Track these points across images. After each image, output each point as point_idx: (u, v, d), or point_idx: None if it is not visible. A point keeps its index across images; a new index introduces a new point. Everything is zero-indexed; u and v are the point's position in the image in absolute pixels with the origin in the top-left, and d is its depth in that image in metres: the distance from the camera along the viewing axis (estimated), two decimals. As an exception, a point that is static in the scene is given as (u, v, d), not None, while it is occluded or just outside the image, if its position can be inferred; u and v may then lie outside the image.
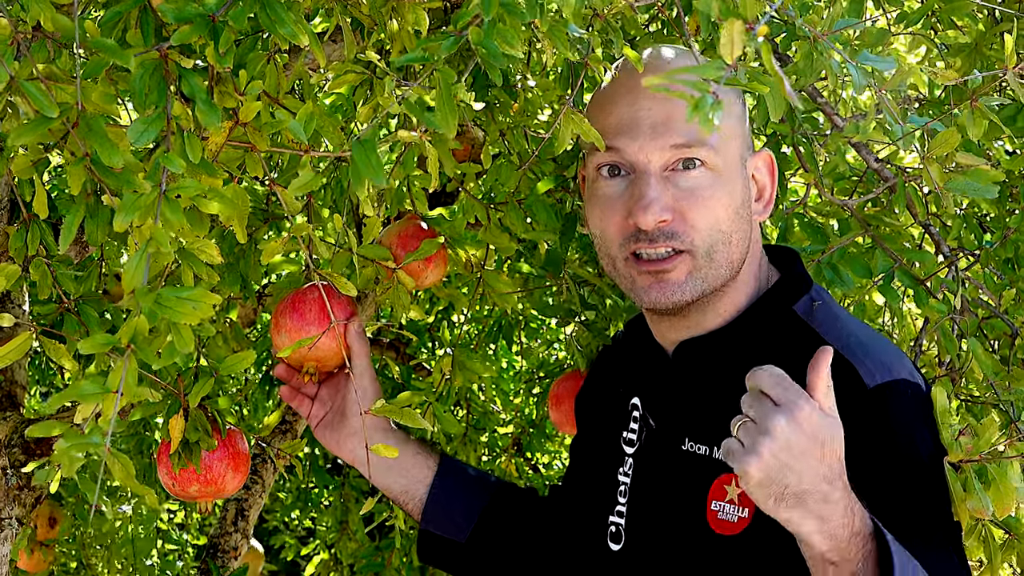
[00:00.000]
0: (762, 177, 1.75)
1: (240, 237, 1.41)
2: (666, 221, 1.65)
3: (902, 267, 2.09)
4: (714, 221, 1.66)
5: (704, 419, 1.70)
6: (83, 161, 1.19)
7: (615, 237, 1.70)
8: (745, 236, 1.70)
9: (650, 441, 1.78)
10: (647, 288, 1.69)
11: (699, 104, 0.88)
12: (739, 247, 1.69)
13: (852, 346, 1.64)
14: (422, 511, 1.98)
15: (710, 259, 1.67)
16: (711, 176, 1.66)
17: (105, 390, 1.08)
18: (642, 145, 1.66)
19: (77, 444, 1.06)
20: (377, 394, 1.94)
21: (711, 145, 1.65)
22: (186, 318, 1.12)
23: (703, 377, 1.73)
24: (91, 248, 2.38)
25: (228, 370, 1.42)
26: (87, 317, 1.86)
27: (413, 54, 1.27)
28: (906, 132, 1.58)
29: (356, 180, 1.28)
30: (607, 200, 1.71)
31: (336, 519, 3.29)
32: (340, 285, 1.62)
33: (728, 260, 1.68)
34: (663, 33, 2.50)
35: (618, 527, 1.80)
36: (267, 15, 1.34)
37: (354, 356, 1.90)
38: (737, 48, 0.88)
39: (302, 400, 1.99)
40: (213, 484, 1.93)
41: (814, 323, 1.69)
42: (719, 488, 1.65)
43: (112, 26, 1.31)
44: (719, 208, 1.66)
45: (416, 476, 1.99)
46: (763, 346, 1.68)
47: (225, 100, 1.41)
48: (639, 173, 1.67)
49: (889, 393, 1.60)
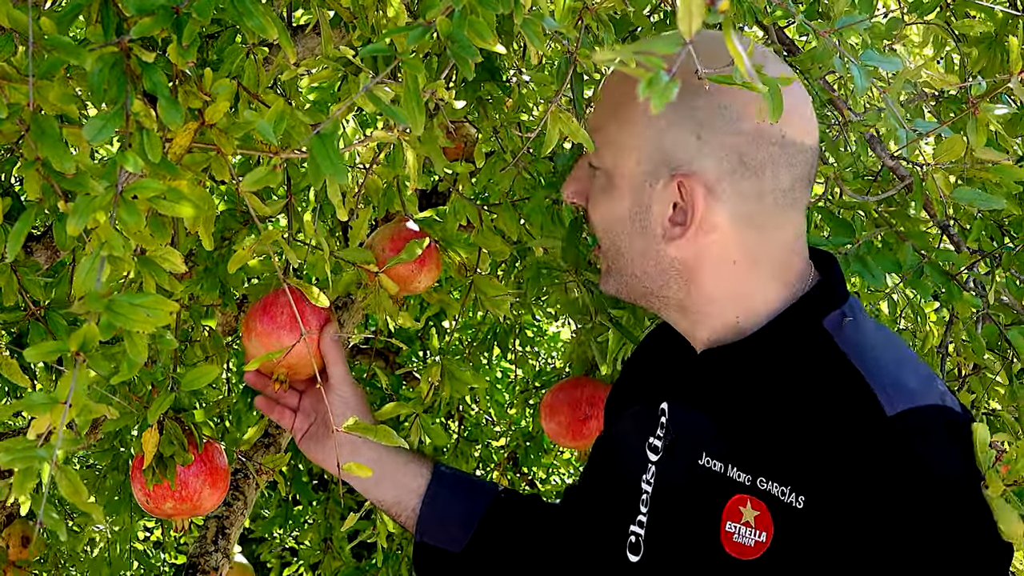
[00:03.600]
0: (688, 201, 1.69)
1: (206, 243, 1.42)
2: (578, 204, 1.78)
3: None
4: (602, 223, 1.74)
5: (721, 435, 1.70)
6: (35, 164, 1.20)
7: None
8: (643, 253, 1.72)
9: (671, 451, 1.79)
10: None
11: (652, 81, 0.87)
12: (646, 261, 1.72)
13: (873, 369, 1.62)
14: (416, 522, 1.99)
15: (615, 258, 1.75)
16: (603, 181, 1.73)
17: (53, 401, 1.09)
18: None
19: (21, 458, 1.07)
20: (360, 402, 1.95)
21: (596, 145, 1.71)
22: (140, 326, 1.12)
23: (724, 389, 1.74)
24: (62, 253, 2.40)
25: (190, 385, 1.42)
26: (55, 325, 1.87)
27: (377, 45, 1.27)
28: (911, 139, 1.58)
29: (315, 176, 1.29)
30: None
31: (320, 536, 3.29)
32: (310, 295, 1.63)
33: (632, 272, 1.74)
34: (665, 23, 2.52)
35: (638, 538, 1.79)
36: (234, 7, 1.34)
37: (329, 364, 1.90)
38: (696, 22, 0.87)
39: (282, 412, 1.99)
40: (189, 501, 1.94)
41: (840, 340, 1.67)
42: (734, 509, 1.65)
43: (71, 20, 1.32)
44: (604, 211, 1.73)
45: (408, 486, 2.00)
46: (786, 360, 1.69)
47: (191, 100, 1.42)
48: None
49: (913, 421, 1.57)
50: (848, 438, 1.56)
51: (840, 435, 1.57)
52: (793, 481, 1.58)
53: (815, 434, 1.59)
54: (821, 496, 1.55)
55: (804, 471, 1.57)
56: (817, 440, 1.58)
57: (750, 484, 1.62)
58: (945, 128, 1.71)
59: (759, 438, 1.64)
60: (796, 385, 1.63)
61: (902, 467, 1.54)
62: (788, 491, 1.58)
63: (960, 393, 2.26)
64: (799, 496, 1.56)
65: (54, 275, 2.10)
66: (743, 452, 1.64)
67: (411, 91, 1.28)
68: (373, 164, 1.85)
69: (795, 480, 1.58)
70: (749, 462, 1.63)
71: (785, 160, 1.67)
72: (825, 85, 2.19)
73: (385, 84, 1.37)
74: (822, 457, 1.57)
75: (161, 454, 1.87)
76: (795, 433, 1.61)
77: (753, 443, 1.64)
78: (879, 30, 2.00)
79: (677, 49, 0.88)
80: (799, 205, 1.72)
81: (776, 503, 1.58)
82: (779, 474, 1.59)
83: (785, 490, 1.58)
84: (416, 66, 1.26)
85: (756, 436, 1.64)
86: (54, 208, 1.31)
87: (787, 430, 1.62)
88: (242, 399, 3.07)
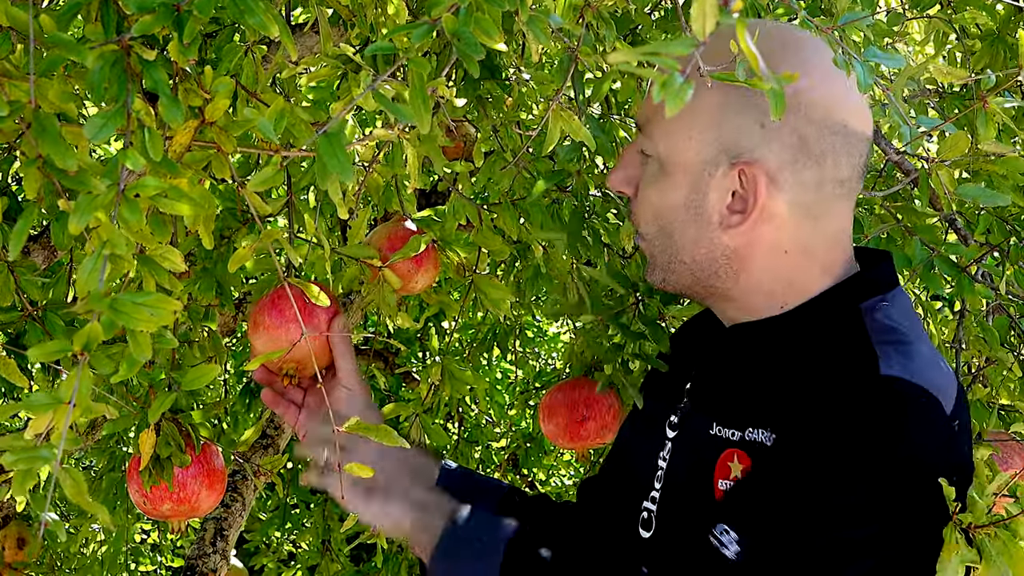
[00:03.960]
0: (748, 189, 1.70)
1: (206, 242, 1.41)
2: (624, 192, 1.76)
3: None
4: (653, 215, 1.73)
5: (735, 404, 1.71)
6: (36, 163, 1.20)
7: None
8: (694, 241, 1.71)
9: (685, 425, 1.80)
10: None
11: (667, 83, 0.87)
12: (696, 248, 1.71)
13: (887, 342, 1.61)
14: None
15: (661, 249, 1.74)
16: (656, 169, 1.72)
17: (57, 401, 1.09)
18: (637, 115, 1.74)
19: (24, 458, 1.07)
20: (366, 398, 1.94)
21: (649, 134, 1.70)
22: (143, 325, 1.12)
23: (745, 363, 1.75)
24: (59, 253, 2.40)
25: (189, 385, 1.42)
26: (52, 325, 1.87)
27: (381, 44, 1.27)
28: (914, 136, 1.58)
29: (322, 175, 1.29)
30: None
31: (318, 539, 3.29)
32: (311, 294, 1.62)
33: (677, 259, 1.73)
34: (666, 20, 2.52)
35: (650, 514, 1.80)
36: (235, 4, 1.34)
37: (338, 357, 1.90)
38: (709, 23, 0.87)
39: (288, 407, 1.98)
40: (186, 502, 1.93)
41: (867, 318, 1.67)
42: (723, 466, 1.65)
43: (70, 18, 1.32)
44: (656, 200, 1.72)
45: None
46: (810, 335, 1.69)
47: (191, 98, 1.42)
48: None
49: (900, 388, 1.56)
50: (834, 384, 1.57)
51: (828, 382, 1.58)
52: (773, 423, 1.60)
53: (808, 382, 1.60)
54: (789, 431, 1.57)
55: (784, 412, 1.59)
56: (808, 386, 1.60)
57: (738, 439, 1.64)
58: (949, 124, 1.71)
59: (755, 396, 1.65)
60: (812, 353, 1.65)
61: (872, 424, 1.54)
62: (768, 433, 1.60)
63: (974, 387, 2.26)
64: (772, 434, 1.59)
65: (52, 275, 2.09)
66: (738, 412, 1.66)
67: (417, 89, 1.28)
68: (373, 163, 1.85)
69: (774, 422, 1.60)
70: (741, 419, 1.65)
71: (845, 150, 1.68)
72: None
73: (386, 82, 1.37)
74: (805, 399, 1.58)
75: (158, 455, 1.86)
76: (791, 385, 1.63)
77: (750, 402, 1.66)
78: (881, 27, 2.00)
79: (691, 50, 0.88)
80: (852, 196, 1.73)
81: (760, 450, 1.60)
82: (763, 420, 1.62)
83: (766, 431, 1.61)
84: (422, 64, 1.25)
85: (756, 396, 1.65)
86: (53, 207, 1.30)
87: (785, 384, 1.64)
88: (240, 400, 3.07)
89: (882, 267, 1.78)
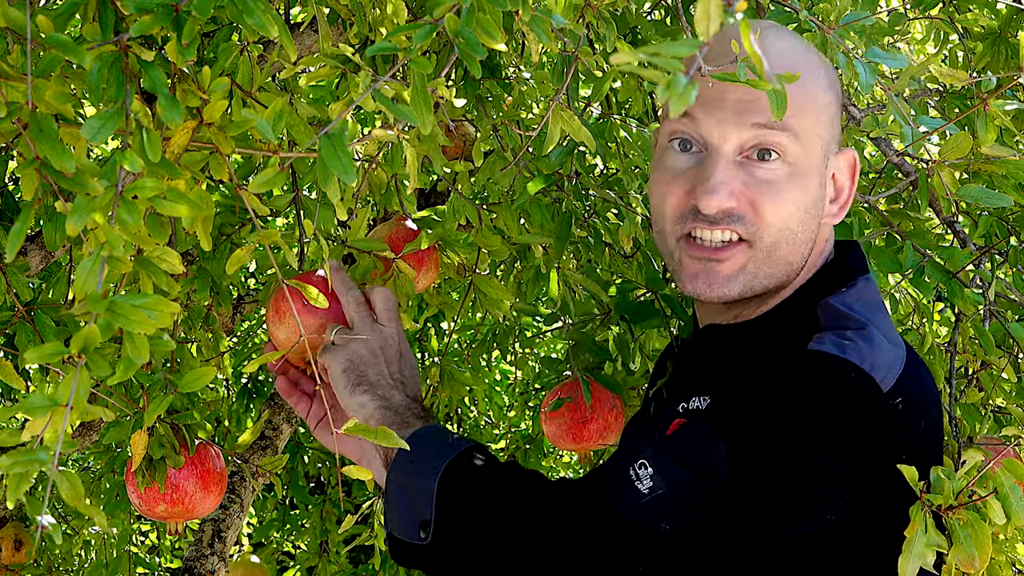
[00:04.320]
0: (843, 178, 1.74)
1: (204, 243, 1.41)
2: (731, 207, 1.64)
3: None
4: (784, 218, 1.65)
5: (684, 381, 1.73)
6: (34, 164, 1.20)
7: (672, 214, 1.70)
8: (810, 238, 1.69)
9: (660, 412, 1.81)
10: (693, 276, 1.69)
11: (670, 84, 0.87)
12: (802, 248, 1.69)
13: (833, 325, 1.63)
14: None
15: (770, 256, 1.66)
16: (787, 169, 1.65)
17: (54, 403, 1.09)
18: (722, 119, 1.63)
19: (22, 461, 1.07)
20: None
21: (794, 132, 1.63)
22: (141, 327, 1.12)
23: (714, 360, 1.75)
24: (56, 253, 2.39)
25: (187, 387, 1.42)
26: (42, 326, 1.86)
27: (384, 44, 1.27)
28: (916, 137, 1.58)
29: (323, 177, 1.29)
30: (672, 173, 1.69)
31: (316, 540, 3.29)
32: (310, 297, 1.62)
33: (788, 260, 1.68)
34: (666, 23, 2.53)
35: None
36: (234, 4, 1.34)
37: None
38: (714, 24, 0.87)
39: (301, 397, 1.97)
40: (181, 504, 1.93)
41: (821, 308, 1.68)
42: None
43: (67, 18, 1.31)
44: (791, 204, 1.65)
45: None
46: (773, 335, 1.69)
47: (189, 98, 1.41)
48: (711, 151, 1.65)
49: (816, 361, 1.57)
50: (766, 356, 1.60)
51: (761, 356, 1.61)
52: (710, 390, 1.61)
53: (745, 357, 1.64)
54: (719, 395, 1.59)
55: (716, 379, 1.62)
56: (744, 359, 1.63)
57: (684, 410, 1.63)
58: (950, 125, 1.71)
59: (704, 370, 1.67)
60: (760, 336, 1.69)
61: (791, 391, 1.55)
62: (701, 400, 1.61)
63: (969, 390, 2.26)
64: (705, 400, 1.60)
65: (49, 276, 2.09)
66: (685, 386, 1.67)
67: (419, 90, 1.28)
68: (374, 163, 1.84)
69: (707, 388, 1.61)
70: (686, 391, 1.65)
71: None
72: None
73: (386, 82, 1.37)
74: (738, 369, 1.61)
75: (151, 456, 1.86)
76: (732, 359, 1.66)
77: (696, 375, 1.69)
78: (882, 25, 2.01)
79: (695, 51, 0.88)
80: None
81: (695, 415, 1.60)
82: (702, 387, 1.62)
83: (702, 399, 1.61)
84: (424, 65, 1.25)
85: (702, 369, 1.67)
86: (49, 208, 1.30)
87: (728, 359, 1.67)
88: (239, 401, 3.07)
89: (847, 257, 1.78)
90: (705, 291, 1.68)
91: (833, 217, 1.74)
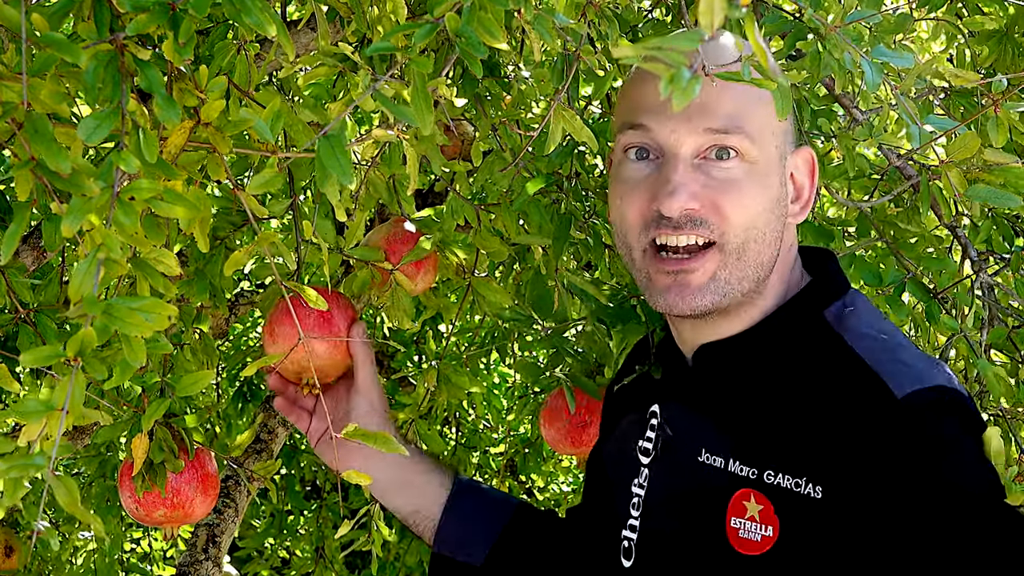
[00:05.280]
0: (801, 177, 1.74)
1: (202, 245, 1.41)
2: (693, 209, 1.63)
3: (914, 279, 2.09)
4: (750, 217, 1.64)
5: (722, 430, 1.70)
6: (29, 164, 1.19)
7: (635, 224, 1.68)
8: (777, 238, 1.68)
9: (666, 452, 1.78)
10: (664, 290, 1.67)
11: (674, 78, 0.87)
12: (770, 249, 1.67)
13: (879, 355, 1.61)
14: (435, 533, 1.99)
15: (740, 258, 1.65)
16: (746, 168, 1.64)
17: (50, 408, 1.09)
18: (674, 127, 1.63)
19: (18, 466, 1.06)
20: (384, 407, 1.94)
21: (748, 134, 1.62)
22: (138, 330, 1.12)
23: (723, 385, 1.73)
24: (49, 254, 2.39)
25: (184, 391, 1.42)
26: (44, 328, 1.86)
27: (383, 43, 1.27)
28: (924, 138, 1.58)
29: (322, 178, 1.29)
30: (630, 183, 1.68)
31: (312, 546, 3.28)
32: (309, 298, 1.62)
33: (758, 262, 1.66)
34: (665, 23, 2.52)
35: (630, 543, 1.79)
36: (232, 3, 1.34)
37: (358, 366, 1.90)
38: (717, 17, 0.87)
39: (300, 414, 1.98)
40: (180, 508, 1.94)
41: (841, 330, 1.67)
42: (738, 504, 1.64)
43: (62, 16, 1.31)
44: (753, 204, 1.64)
45: (429, 497, 2.00)
46: (786, 352, 1.68)
47: (185, 98, 1.41)
48: (667, 157, 1.64)
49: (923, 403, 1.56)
50: (861, 423, 1.56)
51: (853, 421, 1.56)
52: (808, 472, 1.57)
53: (826, 422, 1.58)
54: (840, 484, 1.55)
55: (818, 460, 1.57)
56: (829, 428, 1.58)
57: (755, 478, 1.61)
58: (958, 126, 1.70)
59: (764, 431, 1.63)
60: (800, 375, 1.64)
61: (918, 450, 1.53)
62: (803, 482, 1.57)
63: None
64: (816, 486, 1.56)
65: (41, 277, 2.08)
66: (746, 446, 1.64)
67: (419, 90, 1.28)
68: (373, 163, 1.84)
69: (810, 470, 1.57)
70: (753, 456, 1.63)
71: None
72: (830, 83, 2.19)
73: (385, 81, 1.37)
74: (837, 444, 1.56)
75: (151, 461, 1.86)
76: (804, 423, 1.60)
77: (757, 436, 1.64)
78: (887, 25, 2.00)
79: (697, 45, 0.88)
80: None
81: (785, 495, 1.58)
82: (790, 466, 1.59)
83: (800, 481, 1.58)
84: (424, 64, 1.25)
85: (760, 429, 1.63)
86: (45, 208, 1.30)
87: (795, 420, 1.61)
88: (232, 404, 3.06)
89: (830, 268, 1.78)
90: (678, 304, 1.66)
91: (795, 217, 1.73)
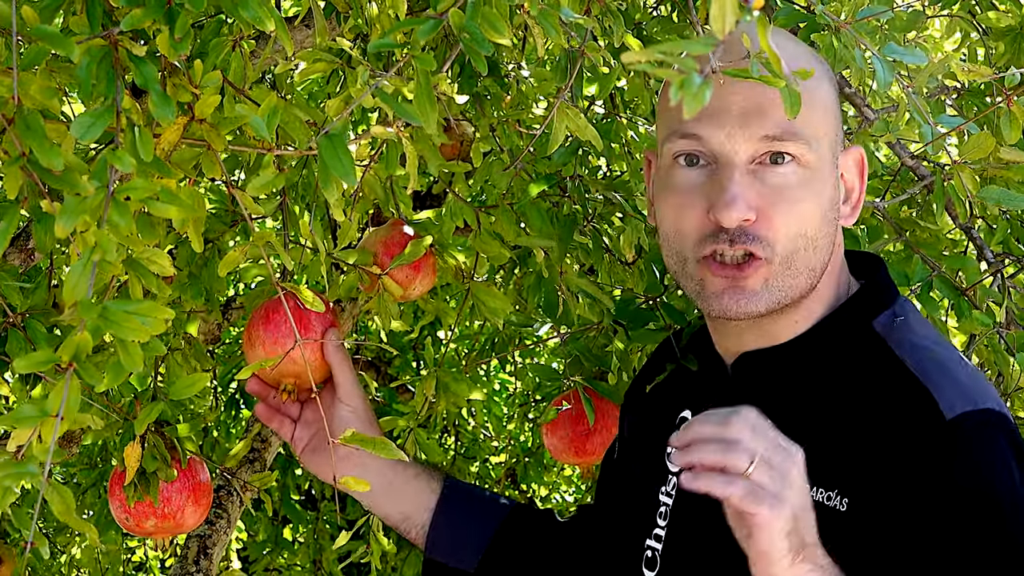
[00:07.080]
0: (851, 177, 1.72)
1: (195, 245, 1.41)
2: (749, 220, 1.61)
3: (941, 275, 2.09)
4: (800, 225, 1.62)
5: None
6: (19, 161, 1.19)
7: (692, 234, 1.65)
8: (829, 242, 1.67)
9: None
10: (719, 294, 1.64)
11: (684, 83, 0.87)
12: (822, 254, 1.66)
13: (930, 370, 1.60)
14: (426, 539, 1.98)
15: (788, 267, 1.63)
16: (801, 174, 1.62)
17: (44, 414, 1.08)
18: (730, 133, 1.61)
19: (11, 474, 1.06)
20: (368, 413, 1.93)
21: (806, 139, 1.61)
22: (135, 334, 1.11)
23: (763, 394, 1.71)
24: (38, 256, 2.38)
25: (178, 395, 1.41)
26: (34, 333, 1.85)
27: (386, 39, 1.26)
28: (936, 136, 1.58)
29: (324, 179, 1.28)
30: (684, 192, 1.65)
31: (309, 557, 3.27)
32: (306, 299, 1.62)
33: (809, 267, 1.64)
34: (672, 19, 2.52)
35: (655, 552, 1.77)
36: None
37: (336, 372, 1.89)
38: (729, 21, 0.87)
39: (283, 421, 1.97)
40: (171, 518, 1.93)
41: (892, 342, 1.66)
42: None
43: (54, 10, 1.31)
44: (806, 210, 1.62)
45: (417, 501, 1.99)
46: (833, 363, 1.67)
47: (180, 94, 1.41)
48: (723, 164, 1.62)
49: (971, 425, 1.55)
50: (905, 441, 1.55)
51: (897, 438, 1.56)
52: (840, 485, 1.56)
53: (869, 436, 1.58)
54: (866, 498, 1.54)
55: (854, 474, 1.56)
56: (871, 441, 1.57)
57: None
58: (969, 124, 1.70)
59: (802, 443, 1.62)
60: (846, 387, 1.63)
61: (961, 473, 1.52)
62: (834, 495, 1.57)
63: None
64: (843, 499, 1.56)
65: (30, 280, 2.07)
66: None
67: (423, 87, 1.27)
68: (371, 162, 1.83)
69: (842, 483, 1.56)
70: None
71: None
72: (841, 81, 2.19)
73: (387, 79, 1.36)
74: (876, 460, 1.56)
75: (143, 469, 1.85)
76: (845, 436, 1.59)
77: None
78: (899, 23, 2.00)
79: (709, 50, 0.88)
80: None
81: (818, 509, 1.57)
82: (825, 479, 1.57)
83: (831, 494, 1.57)
84: (428, 61, 1.25)
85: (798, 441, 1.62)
86: (36, 208, 1.29)
87: (835, 434, 1.60)
88: (227, 412, 3.05)
89: (880, 275, 1.77)
90: (733, 307, 1.64)
91: (846, 219, 1.73)
